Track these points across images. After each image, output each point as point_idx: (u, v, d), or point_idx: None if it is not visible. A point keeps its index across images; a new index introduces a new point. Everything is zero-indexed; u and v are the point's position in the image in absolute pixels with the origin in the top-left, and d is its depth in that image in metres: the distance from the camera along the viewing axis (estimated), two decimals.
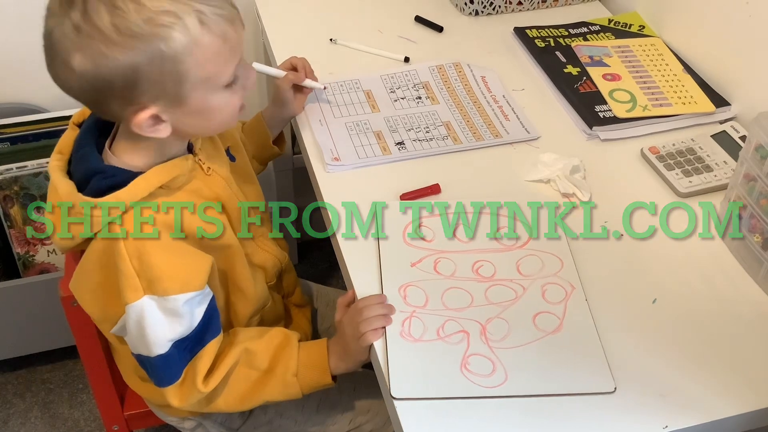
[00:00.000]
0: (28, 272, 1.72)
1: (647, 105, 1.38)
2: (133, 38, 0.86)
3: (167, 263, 0.98)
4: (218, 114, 1.00)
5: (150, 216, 0.98)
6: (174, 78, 0.90)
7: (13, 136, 1.67)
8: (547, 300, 1.06)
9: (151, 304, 0.98)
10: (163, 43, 0.87)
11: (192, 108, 0.95)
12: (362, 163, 1.27)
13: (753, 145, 1.10)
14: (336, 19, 1.61)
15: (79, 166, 1.00)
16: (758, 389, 0.98)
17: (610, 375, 0.97)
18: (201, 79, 0.93)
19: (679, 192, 1.24)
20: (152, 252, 0.97)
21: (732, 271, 1.14)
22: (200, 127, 1.01)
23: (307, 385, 1.10)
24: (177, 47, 0.88)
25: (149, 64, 0.88)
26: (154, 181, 0.98)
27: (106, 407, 1.34)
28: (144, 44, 0.86)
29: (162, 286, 0.98)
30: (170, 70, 0.89)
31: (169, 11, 0.87)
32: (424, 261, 1.10)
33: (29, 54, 1.66)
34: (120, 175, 0.98)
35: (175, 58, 0.88)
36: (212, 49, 0.91)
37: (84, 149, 1.00)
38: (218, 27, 0.91)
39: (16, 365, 1.89)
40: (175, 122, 0.96)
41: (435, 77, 1.46)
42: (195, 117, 0.97)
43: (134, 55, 0.86)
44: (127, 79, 0.88)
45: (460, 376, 0.96)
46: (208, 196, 1.08)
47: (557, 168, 1.24)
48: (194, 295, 1.01)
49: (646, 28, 1.58)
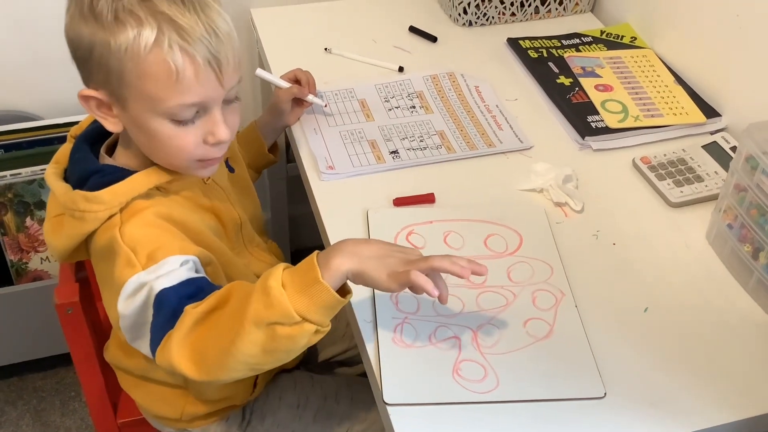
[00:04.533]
0: (21, 279, 1.72)
1: (639, 115, 1.40)
2: (95, 20, 0.90)
3: (162, 236, 0.97)
4: (159, 143, 0.97)
5: (147, 209, 0.98)
6: (116, 76, 0.92)
7: (6, 144, 1.67)
8: (538, 306, 1.07)
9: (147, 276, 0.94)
10: (112, 37, 0.89)
11: (134, 119, 0.96)
12: (356, 171, 1.27)
13: (743, 155, 1.10)
14: (331, 28, 1.62)
15: (75, 168, 1.01)
16: (748, 398, 0.98)
17: (600, 380, 0.98)
18: (139, 93, 0.93)
19: (671, 202, 1.24)
20: (148, 231, 0.96)
21: (722, 281, 1.14)
22: (144, 147, 1.00)
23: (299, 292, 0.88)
24: (121, 47, 0.90)
25: (100, 49, 0.91)
26: (152, 178, 0.99)
27: (99, 415, 1.34)
28: (100, 29, 0.90)
29: (158, 254, 0.94)
30: (113, 67, 0.91)
31: (136, 15, 0.89)
32: None
33: (23, 61, 1.68)
34: (118, 173, 0.98)
35: (118, 56, 0.90)
36: (154, 70, 0.90)
37: (80, 153, 1.01)
38: (172, 55, 0.90)
39: (8, 373, 1.88)
40: (126, 125, 0.98)
41: (429, 87, 1.47)
42: (140, 133, 0.98)
43: (91, 35, 0.90)
44: (84, 53, 0.92)
45: (452, 382, 0.97)
46: (205, 205, 1.08)
47: (550, 177, 1.25)
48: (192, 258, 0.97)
49: (637, 39, 1.59)
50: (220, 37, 0.93)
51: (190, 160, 1.00)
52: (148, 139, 0.98)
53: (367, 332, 1.03)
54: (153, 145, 0.98)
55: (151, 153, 1.01)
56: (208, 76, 0.93)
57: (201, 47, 0.91)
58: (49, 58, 1.69)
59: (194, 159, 1.00)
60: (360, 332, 1.03)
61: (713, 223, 1.18)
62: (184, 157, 0.99)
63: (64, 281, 1.18)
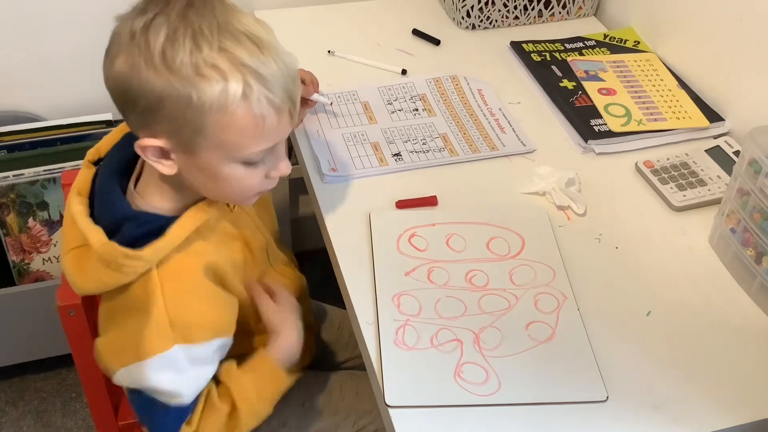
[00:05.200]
0: (23, 280, 1.72)
1: (642, 119, 1.40)
2: (171, 72, 0.85)
3: (203, 310, 0.98)
4: (226, 185, 0.96)
5: (188, 262, 0.97)
6: (192, 127, 0.88)
7: (10, 144, 1.67)
8: (540, 309, 1.07)
9: (179, 353, 0.95)
10: (195, 91, 0.85)
11: (202, 164, 0.93)
12: (359, 173, 1.27)
13: (746, 159, 1.10)
14: (334, 31, 1.62)
15: (107, 211, 0.97)
16: (750, 402, 0.98)
17: (602, 384, 0.98)
18: (218, 143, 0.90)
19: (674, 206, 1.24)
20: (190, 299, 0.96)
21: (725, 285, 1.14)
22: (205, 187, 0.98)
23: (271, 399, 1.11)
24: (206, 101, 0.86)
25: (175, 102, 0.86)
26: (189, 227, 0.96)
27: (100, 417, 1.33)
28: (178, 82, 0.85)
29: (196, 334, 0.96)
30: (191, 119, 0.87)
31: (219, 69, 0.85)
32: (417, 270, 1.11)
33: (27, 62, 1.68)
34: (154, 221, 0.95)
35: (201, 110, 0.86)
36: (241, 123, 0.89)
37: (111, 194, 0.97)
38: (259, 107, 0.88)
39: (10, 373, 1.88)
40: (183, 169, 0.94)
41: (432, 90, 1.47)
42: (203, 175, 0.95)
43: (165, 87, 0.85)
44: (151, 104, 0.87)
45: (453, 384, 0.97)
46: (234, 235, 1.07)
47: (553, 181, 1.25)
48: (225, 341, 1.01)
49: (641, 43, 1.59)
50: (295, 80, 0.93)
51: (252, 195, 1.00)
52: (213, 181, 0.95)
53: (369, 334, 1.03)
54: (218, 185, 0.96)
55: (212, 192, 0.99)
56: (286, 119, 0.93)
57: (282, 94, 0.90)
58: (52, 59, 1.69)
59: (255, 193, 1.00)
60: (362, 334, 1.03)
61: (716, 227, 1.18)
62: (247, 194, 0.99)
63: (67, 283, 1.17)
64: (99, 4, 1.63)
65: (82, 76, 1.71)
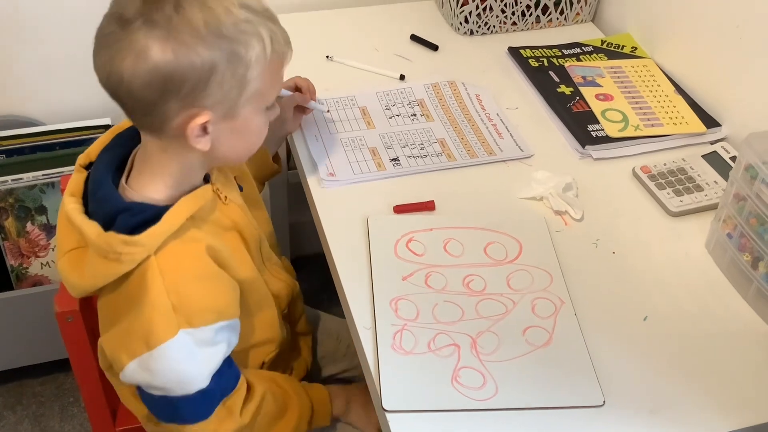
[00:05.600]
0: (21, 284, 1.72)
1: (639, 125, 1.40)
2: (220, 37, 0.89)
3: (204, 293, 0.99)
4: (253, 138, 1.02)
5: (186, 248, 0.98)
6: (239, 84, 0.93)
7: (8, 149, 1.67)
8: (537, 314, 1.07)
9: (185, 338, 0.96)
10: (242, 47, 0.91)
11: (237, 125, 0.97)
12: (357, 178, 1.28)
13: (743, 165, 1.11)
14: (333, 36, 1.63)
15: (101, 206, 0.98)
16: (748, 406, 0.99)
17: (599, 388, 0.98)
18: (255, 93, 0.95)
19: (670, 211, 1.25)
20: (190, 284, 0.97)
21: (722, 290, 1.15)
22: (234, 149, 1.02)
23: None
24: (252, 55, 0.92)
25: (226, 64, 0.90)
26: (184, 212, 0.98)
27: (98, 422, 1.34)
28: (228, 44, 0.90)
29: (199, 317, 0.97)
30: (240, 76, 0.92)
31: (251, 21, 0.92)
32: (415, 275, 1.11)
33: (26, 67, 1.69)
34: (148, 210, 0.96)
35: (248, 64, 0.92)
36: (273, 67, 0.96)
37: (103, 189, 0.98)
38: (281, 49, 0.96)
39: (7, 378, 1.88)
40: (215, 139, 0.96)
41: (430, 95, 1.47)
42: (234, 137, 0.99)
43: (216, 53, 0.89)
44: (202, 77, 0.90)
45: (450, 389, 0.97)
46: (228, 226, 1.07)
47: (550, 186, 1.25)
48: (228, 323, 1.01)
49: (638, 49, 1.59)
50: None
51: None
52: (244, 139, 1.01)
53: (367, 339, 1.03)
54: (246, 142, 1.02)
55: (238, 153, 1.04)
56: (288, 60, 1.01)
57: (285, 34, 0.98)
58: (51, 64, 1.69)
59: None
60: (359, 339, 1.03)
61: (713, 232, 1.19)
62: (260, 142, 1.05)
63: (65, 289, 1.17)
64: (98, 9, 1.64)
65: (80, 80, 1.72)
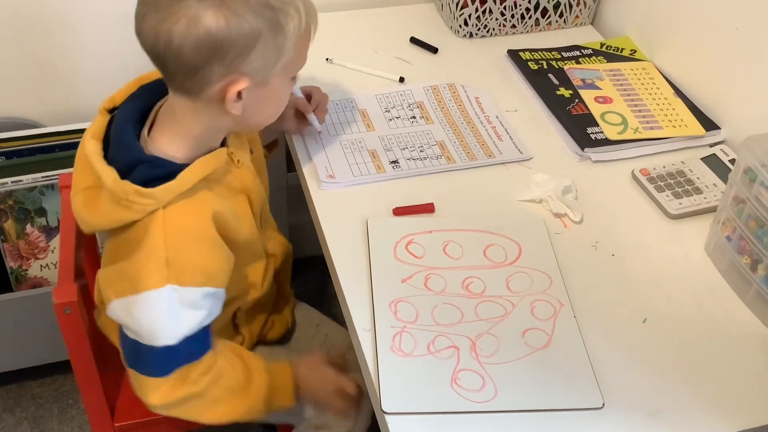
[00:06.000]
0: (20, 286, 1.72)
1: (638, 128, 1.40)
2: (266, 7, 0.95)
3: (199, 255, 1.03)
4: (279, 104, 1.09)
5: (193, 209, 1.02)
6: (277, 53, 0.98)
7: (8, 151, 1.67)
8: (536, 316, 1.07)
9: (171, 293, 1.00)
10: (283, 17, 0.96)
11: (268, 92, 1.03)
12: (357, 181, 1.28)
13: (742, 168, 1.11)
14: (332, 38, 1.63)
15: (121, 154, 1.02)
16: (746, 409, 0.99)
17: (598, 391, 0.98)
18: (287, 63, 1.01)
19: (670, 214, 1.25)
20: (188, 243, 1.02)
21: (721, 292, 1.15)
22: (259, 115, 1.07)
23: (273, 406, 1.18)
24: (291, 25, 0.98)
25: (269, 33, 0.96)
26: (198, 174, 1.02)
27: (96, 418, 1.33)
28: (272, 14, 0.95)
29: (188, 277, 1.01)
30: (279, 45, 0.97)
31: None
32: (414, 277, 1.11)
33: (26, 69, 1.69)
34: (166, 166, 1.01)
35: (287, 34, 0.97)
36: (305, 38, 1.02)
37: (126, 137, 1.02)
38: (308, 19, 1.01)
39: (6, 380, 1.88)
40: (246, 105, 1.01)
41: (429, 97, 1.47)
42: (262, 104, 1.04)
43: (262, 22, 0.95)
44: (247, 43, 0.95)
45: (450, 391, 0.97)
46: (238, 189, 1.12)
47: (549, 188, 1.26)
48: (215, 290, 1.05)
49: (637, 52, 1.60)
50: None
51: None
52: (272, 106, 1.08)
53: (366, 341, 1.03)
54: (273, 108, 1.09)
55: (262, 119, 1.09)
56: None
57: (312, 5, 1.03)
58: (51, 66, 1.69)
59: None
60: (359, 341, 1.03)
61: (712, 234, 1.19)
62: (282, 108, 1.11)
63: (63, 281, 1.18)
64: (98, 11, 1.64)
65: (80, 82, 1.72)
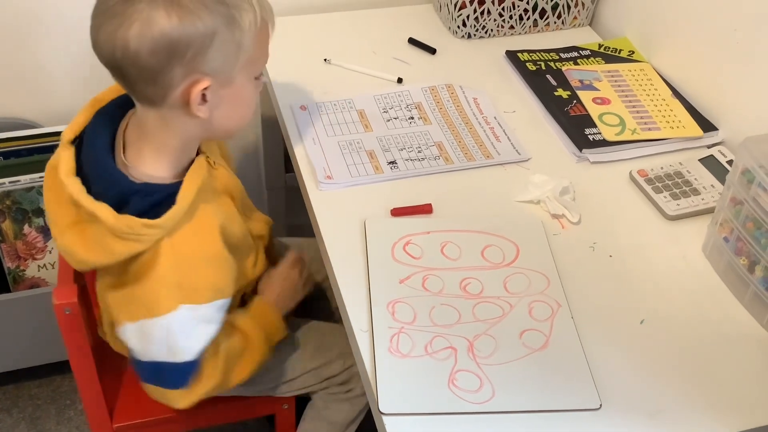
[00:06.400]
0: (18, 287, 1.72)
1: (636, 129, 1.40)
2: (219, 3, 0.94)
3: (207, 273, 1.05)
4: (246, 107, 1.07)
5: (198, 229, 1.03)
6: (236, 50, 0.97)
7: (6, 151, 1.67)
8: (534, 317, 1.07)
9: (186, 313, 1.03)
10: (237, 12, 0.96)
11: (233, 93, 1.01)
12: (354, 181, 1.28)
13: (740, 169, 1.11)
14: (331, 39, 1.63)
15: (108, 188, 1.00)
16: (744, 410, 0.99)
17: (595, 392, 0.98)
18: (248, 60, 1.00)
19: (667, 215, 1.25)
20: (197, 264, 1.04)
21: (719, 294, 1.15)
22: (229, 119, 1.05)
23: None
24: (246, 20, 0.97)
25: (225, 29, 0.95)
26: (193, 189, 1.02)
27: (95, 418, 1.34)
28: (225, 9, 0.95)
29: (201, 295, 1.04)
30: (236, 41, 0.97)
31: None
32: (412, 278, 1.11)
33: (23, 69, 1.68)
34: (160, 190, 1.01)
35: (243, 28, 0.97)
36: (263, 34, 1.01)
37: (109, 169, 1.01)
38: (268, 17, 1.01)
39: (4, 380, 1.88)
40: (213, 107, 1.00)
41: (428, 98, 1.47)
42: (230, 105, 1.03)
43: (216, 18, 0.94)
44: (204, 41, 0.94)
45: (447, 392, 0.97)
46: (220, 190, 1.13)
47: (547, 189, 1.26)
48: (225, 301, 1.08)
49: (635, 53, 1.60)
50: None
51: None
52: (238, 108, 1.05)
53: (363, 342, 1.03)
54: (240, 111, 1.06)
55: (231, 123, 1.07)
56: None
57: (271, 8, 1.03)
58: (48, 66, 1.69)
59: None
60: (356, 341, 1.03)
61: (709, 236, 1.19)
62: (251, 115, 1.09)
63: (63, 282, 1.18)
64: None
65: (77, 82, 1.72)
